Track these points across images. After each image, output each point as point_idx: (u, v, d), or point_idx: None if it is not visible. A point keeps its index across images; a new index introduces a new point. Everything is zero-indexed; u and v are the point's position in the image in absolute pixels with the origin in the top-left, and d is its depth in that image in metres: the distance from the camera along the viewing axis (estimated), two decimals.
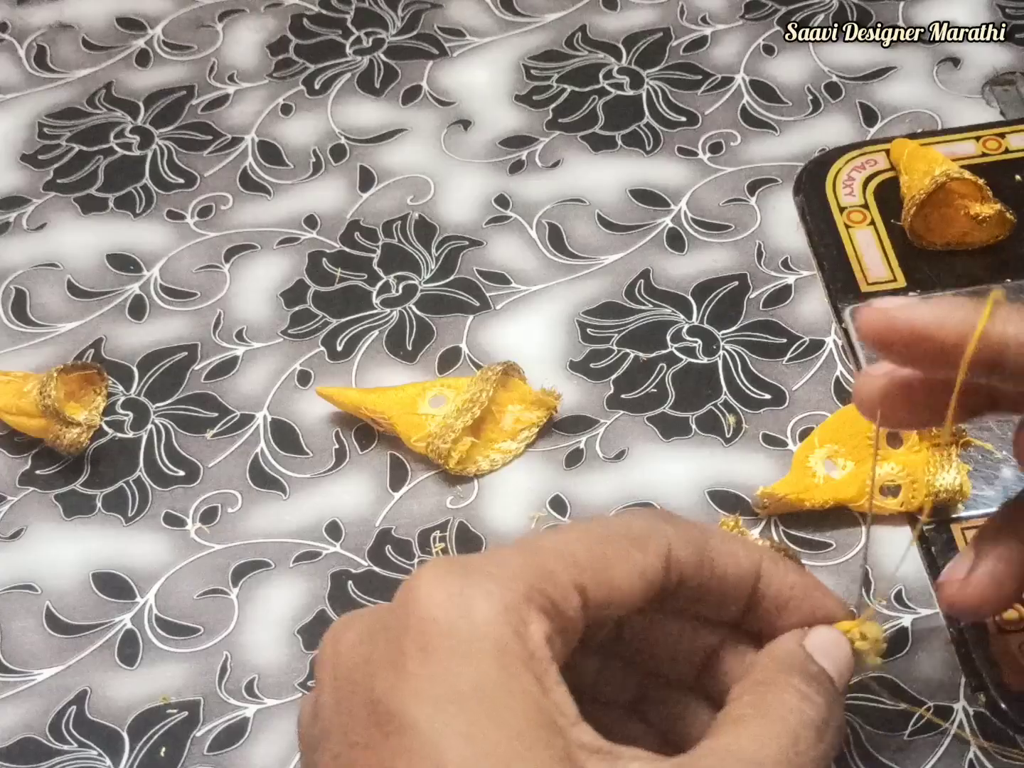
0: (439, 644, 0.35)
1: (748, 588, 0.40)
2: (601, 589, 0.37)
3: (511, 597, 0.36)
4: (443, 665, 0.35)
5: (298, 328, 0.59)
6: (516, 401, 0.56)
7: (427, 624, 0.36)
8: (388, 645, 0.36)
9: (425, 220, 0.63)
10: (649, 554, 0.38)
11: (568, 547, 0.38)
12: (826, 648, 0.41)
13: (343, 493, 0.54)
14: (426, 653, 0.35)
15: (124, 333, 0.60)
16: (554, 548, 0.38)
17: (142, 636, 0.51)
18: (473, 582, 0.36)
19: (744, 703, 0.38)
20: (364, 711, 0.36)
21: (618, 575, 0.38)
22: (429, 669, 0.35)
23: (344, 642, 0.37)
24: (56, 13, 0.72)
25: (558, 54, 0.68)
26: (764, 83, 0.66)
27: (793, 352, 0.57)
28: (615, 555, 0.38)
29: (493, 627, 0.35)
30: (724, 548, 0.40)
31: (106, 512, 0.55)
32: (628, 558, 0.38)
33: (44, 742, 0.49)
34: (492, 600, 0.36)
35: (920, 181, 0.58)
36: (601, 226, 0.62)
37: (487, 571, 0.37)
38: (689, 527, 0.40)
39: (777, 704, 0.38)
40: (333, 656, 0.37)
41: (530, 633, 0.36)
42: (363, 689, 0.36)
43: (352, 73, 0.68)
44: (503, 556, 0.37)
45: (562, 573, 0.37)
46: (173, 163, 0.65)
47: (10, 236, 0.63)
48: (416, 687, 0.35)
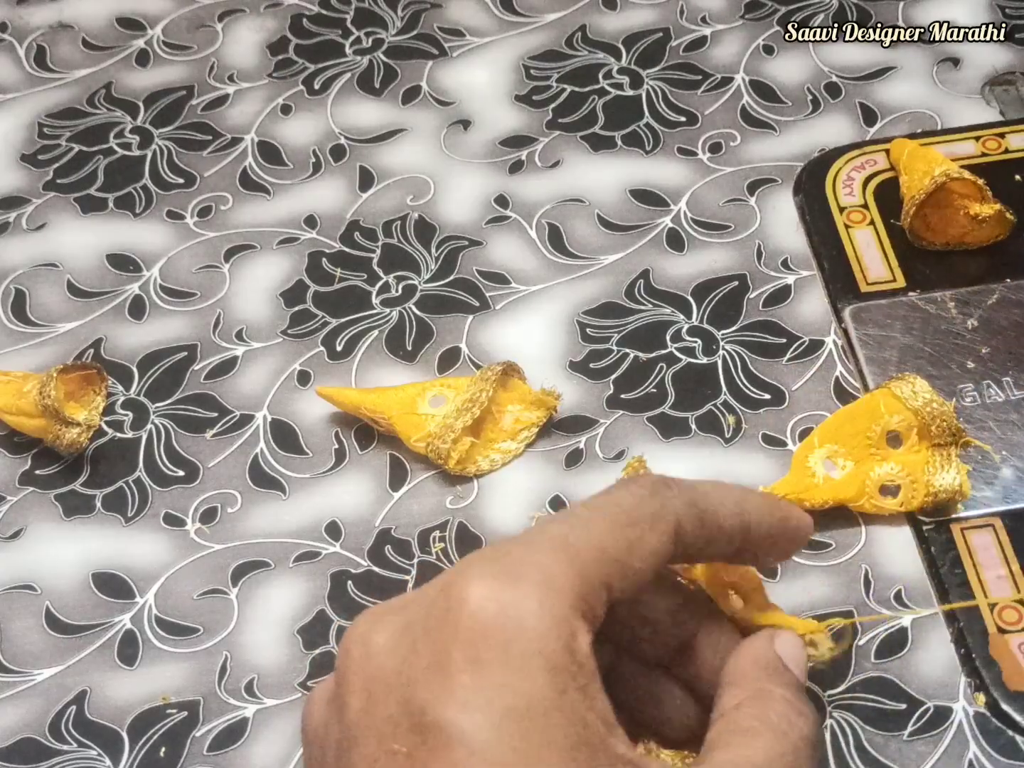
0: (490, 657, 0.35)
1: (741, 536, 0.41)
2: (624, 579, 0.38)
3: (560, 609, 0.36)
4: (495, 678, 0.34)
5: (298, 328, 0.59)
6: (516, 401, 0.56)
7: (477, 635, 0.35)
8: (432, 651, 0.35)
9: (425, 220, 0.63)
10: (662, 533, 0.38)
11: (597, 541, 0.37)
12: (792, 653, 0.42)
13: (343, 493, 0.54)
14: (477, 665, 0.35)
15: (124, 333, 0.60)
16: (588, 546, 0.37)
17: (142, 636, 0.51)
18: (524, 593, 0.36)
19: (750, 715, 0.39)
20: (404, 719, 0.35)
21: (637, 560, 0.38)
22: (480, 681, 0.34)
23: (376, 643, 0.36)
24: (56, 13, 0.72)
25: (558, 54, 0.68)
26: (764, 83, 0.66)
27: (793, 352, 0.57)
28: (635, 540, 0.38)
29: (546, 642, 0.35)
30: (720, 509, 0.40)
31: (106, 512, 0.55)
32: (645, 541, 0.38)
33: (44, 742, 0.49)
34: (545, 614, 0.35)
35: (920, 181, 0.58)
36: (601, 226, 0.62)
37: (533, 579, 0.36)
38: (689, 491, 0.40)
39: (779, 718, 0.39)
40: (363, 658, 0.36)
41: (578, 645, 0.36)
42: (401, 695, 0.35)
43: (352, 73, 0.68)
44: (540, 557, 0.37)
45: (595, 574, 0.37)
46: (173, 163, 0.65)
47: (10, 236, 0.63)
48: (466, 699, 0.34)
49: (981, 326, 0.56)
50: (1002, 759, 0.47)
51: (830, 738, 0.47)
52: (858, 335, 0.56)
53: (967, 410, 0.54)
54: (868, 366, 0.56)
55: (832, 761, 0.47)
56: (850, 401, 0.55)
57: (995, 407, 0.54)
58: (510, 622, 0.35)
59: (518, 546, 0.37)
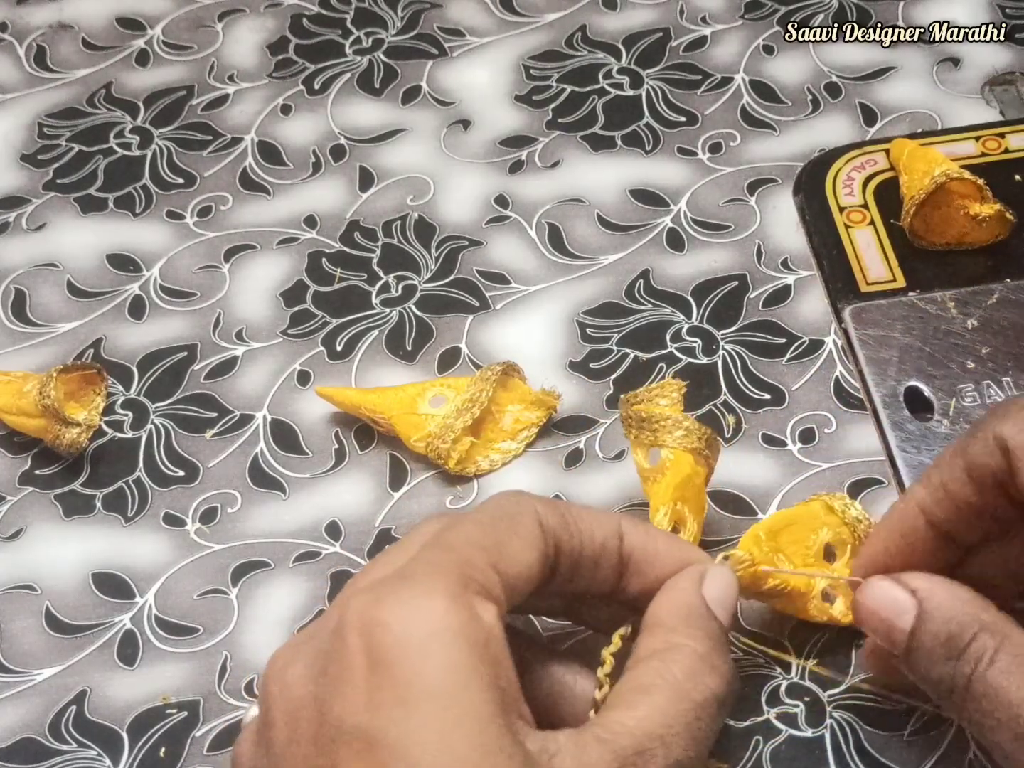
0: (392, 654, 0.35)
1: (615, 549, 0.41)
2: (510, 566, 0.39)
3: (452, 588, 0.36)
4: (399, 671, 0.35)
5: (298, 328, 0.59)
6: (516, 401, 0.56)
7: (374, 640, 0.36)
8: (335, 668, 0.36)
9: (425, 220, 0.63)
10: (529, 527, 0.40)
11: (470, 536, 0.39)
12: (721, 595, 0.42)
13: (343, 493, 0.54)
14: (379, 665, 0.35)
15: (124, 333, 0.60)
16: (460, 539, 0.39)
17: (142, 636, 0.51)
18: (409, 585, 0.37)
19: (652, 670, 0.39)
20: (324, 735, 0.36)
21: (517, 551, 0.39)
22: (384, 679, 0.35)
23: (291, 675, 0.37)
24: (56, 13, 0.72)
25: (558, 54, 0.68)
26: (764, 83, 0.66)
27: (793, 352, 0.57)
28: (507, 532, 0.39)
29: (449, 617, 0.36)
30: (583, 513, 0.42)
31: (106, 512, 0.55)
32: (518, 532, 0.39)
33: (44, 742, 0.49)
34: (438, 595, 0.36)
35: (920, 181, 0.58)
36: (601, 226, 0.62)
37: (416, 575, 0.37)
38: (547, 499, 0.42)
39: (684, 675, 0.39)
40: (281, 691, 0.37)
41: (480, 614, 0.37)
42: (318, 716, 0.36)
43: (352, 73, 0.68)
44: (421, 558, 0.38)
45: (477, 557, 0.38)
46: (173, 163, 0.65)
47: (10, 236, 0.63)
48: (375, 699, 0.35)
49: (981, 326, 0.56)
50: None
51: (830, 738, 0.47)
52: (858, 335, 0.56)
53: (967, 410, 0.54)
54: (868, 366, 0.56)
55: (832, 761, 0.47)
56: (852, 402, 0.55)
57: None
58: (408, 615, 0.36)
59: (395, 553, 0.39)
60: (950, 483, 0.41)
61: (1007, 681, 0.38)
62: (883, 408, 0.54)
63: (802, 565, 0.49)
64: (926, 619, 0.40)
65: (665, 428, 0.49)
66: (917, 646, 0.40)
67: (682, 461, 0.49)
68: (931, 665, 0.39)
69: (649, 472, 0.50)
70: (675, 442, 0.49)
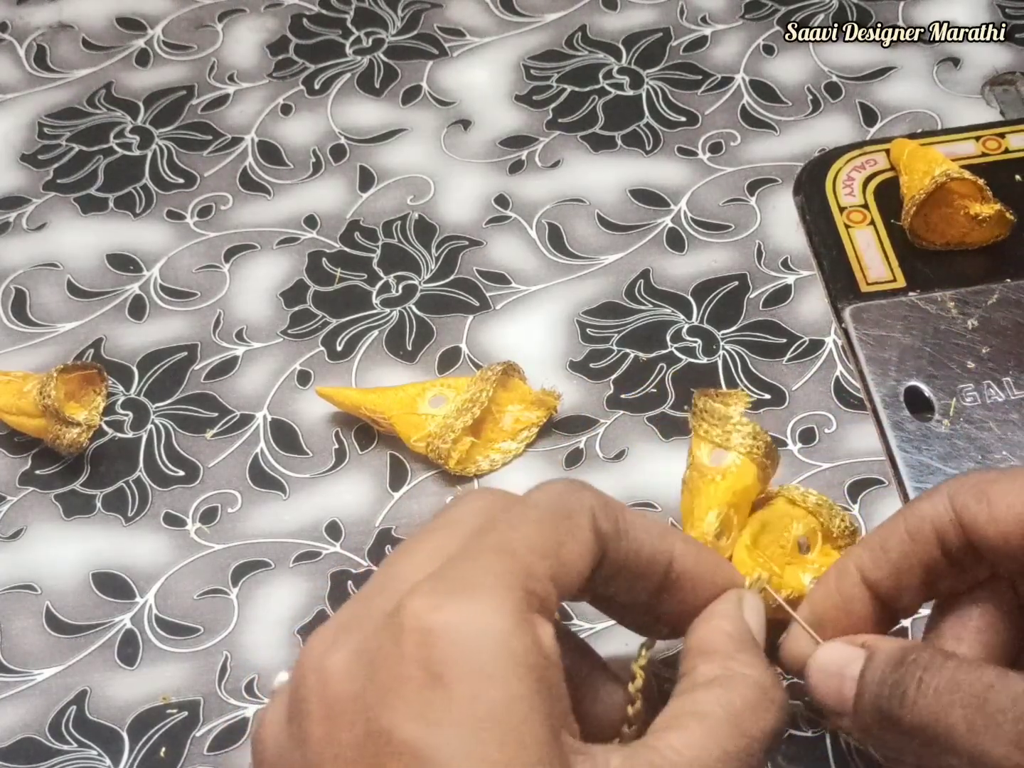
0: (454, 671, 0.34)
1: (662, 569, 0.40)
2: (564, 573, 0.37)
3: (516, 607, 0.35)
4: (461, 692, 0.34)
5: (298, 328, 0.59)
6: (516, 401, 0.56)
7: (433, 653, 0.35)
8: (387, 674, 0.35)
9: (425, 220, 0.63)
10: (584, 528, 0.38)
11: (532, 539, 0.37)
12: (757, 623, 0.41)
13: (343, 493, 0.54)
14: (440, 680, 0.34)
15: (124, 333, 0.60)
16: (524, 546, 0.37)
17: (142, 636, 0.51)
18: (476, 603, 0.35)
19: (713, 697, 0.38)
20: (370, 744, 0.34)
21: (572, 555, 0.38)
22: (445, 696, 0.34)
23: (332, 668, 0.36)
24: (56, 13, 0.72)
25: (558, 54, 0.68)
26: (764, 83, 0.66)
27: (793, 352, 0.57)
28: (565, 535, 0.38)
29: (512, 641, 0.35)
30: (637, 521, 0.40)
31: (106, 512, 0.55)
32: (574, 535, 0.38)
33: (44, 742, 0.49)
34: (503, 616, 0.35)
35: (920, 181, 0.58)
36: (601, 226, 0.62)
37: (481, 585, 0.36)
38: (605, 496, 0.40)
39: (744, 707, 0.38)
40: (321, 684, 0.36)
41: (544, 638, 0.36)
42: (364, 721, 0.35)
43: (352, 73, 0.68)
44: (485, 564, 0.37)
45: (538, 568, 0.37)
46: (173, 163, 0.65)
47: (10, 236, 0.63)
48: (433, 715, 0.34)
49: (981, 326, 0.56)
50: None
51: (830, 738, 0.47)
52: (858, 335, 0.56)
53: (967, 410, 0.54)
54: (868, 366, 0.56)
55: (832, 761, 0.47)
56: (852, 402, 0.55)
57: (995, 407, 0.54)
58: (472, 633, 0.35)
59: (459, 557, 0.37)
60: (888, 540, 0.41)
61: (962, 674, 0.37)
62: (883, 408, 0.54)
63: (783, 565, 0.48)
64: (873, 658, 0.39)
65: (740, 432, 0.49)
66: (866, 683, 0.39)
67: (747, 470, 0.48)
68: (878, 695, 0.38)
69: (708, 470, 0.49)
70: (744, 448, 0.48)
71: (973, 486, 0.40)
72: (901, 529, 0.41)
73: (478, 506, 0.39)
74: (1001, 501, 0.39)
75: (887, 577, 0.41)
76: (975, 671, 0.37)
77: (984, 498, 0.40)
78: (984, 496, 0.40)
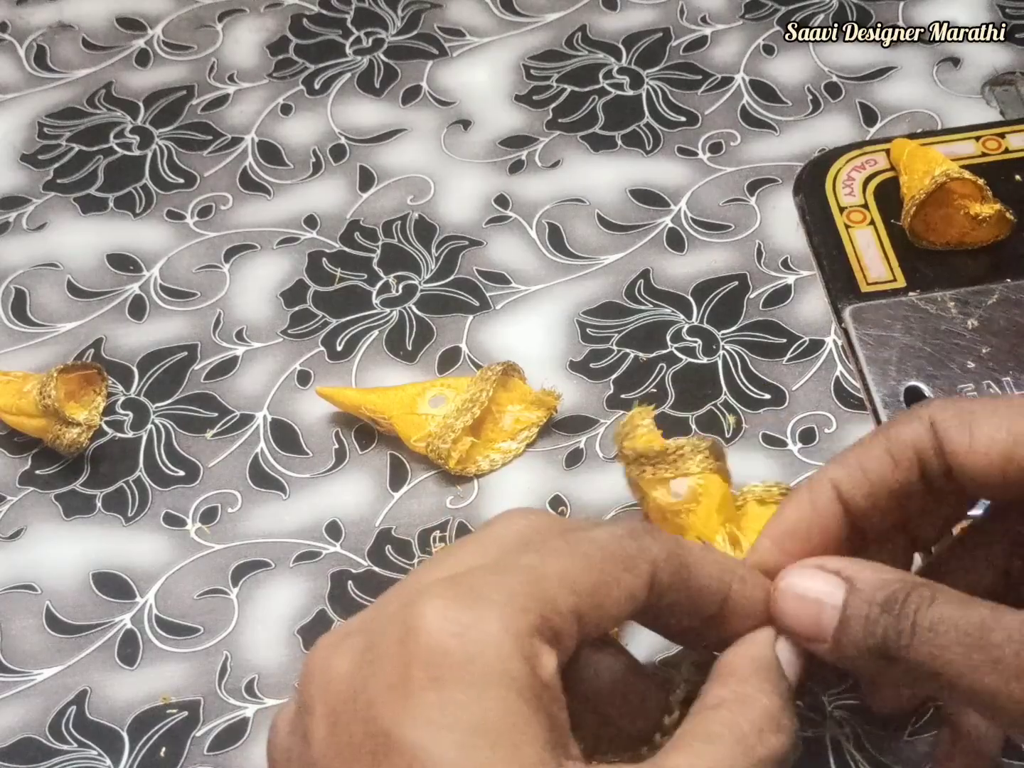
0: (453, 676, 0.34)
1: (716, 605, 0.40)
2: (595, 614, 0.37)
3: (523, 630, 0.35)
4: (459, 697, 0.34)
5: (298, 328, 0.59)
6: (516, 401, 0.56)
7: (438, 655, 0.35)
8: (392, 673, 0.35)
9: (425, 220, 0.63)
10: (638, 576, 0.38)
11: (569, 574, 0.37)
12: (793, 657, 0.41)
13: (343, 493, 0.54)
14: (439, 683, 0.34)
15: (124, 333, 0.60)
16: (556, 575, 0.37)
17: (142, 636, 0.51)
18: (484, 615, 0.35)
19: (720, 720, 0.38)
20: (368, 742, 0.35)
21: (611, 600, 0.37)
22: (443, 700, 0.34)
23: (337, 668, 0.36)
24: (56, 13, 0.72)
25: (558, 54, 0.68)
26: (764, 83, 0.66)
27: (793, 352, 0.57)
28: (610, 580, 0.37)
29: (511, 663, 0.35)
30: (703, 565, 0.39)
31: (106, 512, 0.55)
32: (620, 583, 0.37)
33: (44, 742, 0.49)
34: (507, 635, 0.35)
35: (920, 181, 0.58)
36: (601, 226, 0.62)
37: (494, 599, 0.36)
38: (671, 543, 0.39)
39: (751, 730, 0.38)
40: (325, 683, 0.36)
41: (543, 665, 0.35)
42: (363, 719, 0.35)
43: (352, 73, 0.68)
44: (505, 580, 0.36)
45: (563, 602, 0.36)
46: (173, 163, 0.65)
47: (10, 236, 0.63)
48: (430, 717, 0.34)
49: (981, 326, 0.56)
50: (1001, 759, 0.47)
51: (830, 737, 0.47)
52: (858, 335, 0.56)
53: None
54: (868, 366, 0.56)
55: (832, 761, 0.47)
56: (852, 402, 0.55)
57: None
58: (472, 642, 0.35)
59: (482, 569, 0.37)
60: (868, 461, 0.41)
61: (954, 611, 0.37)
62: (883, 408, 0.54)
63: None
64: (857, 592, 0.38)
65: (684, 456, 0.47)
66: (850, 617, 0.38)
67: (713, 484, 0.47)
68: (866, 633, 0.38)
69: (678, 506, 0.48)
70: (698, 467, 0.47)
71: (955, 415, 0.40)
72: (881, 450, 0.40)
73: (528, 524, 0.39)
74: (982, 431, 0.39)
75: (863, 497, 0.40)
76: (967, 607, 0.37)
77: (967, 428, 0.39)
78: (967, 426, 0.39)
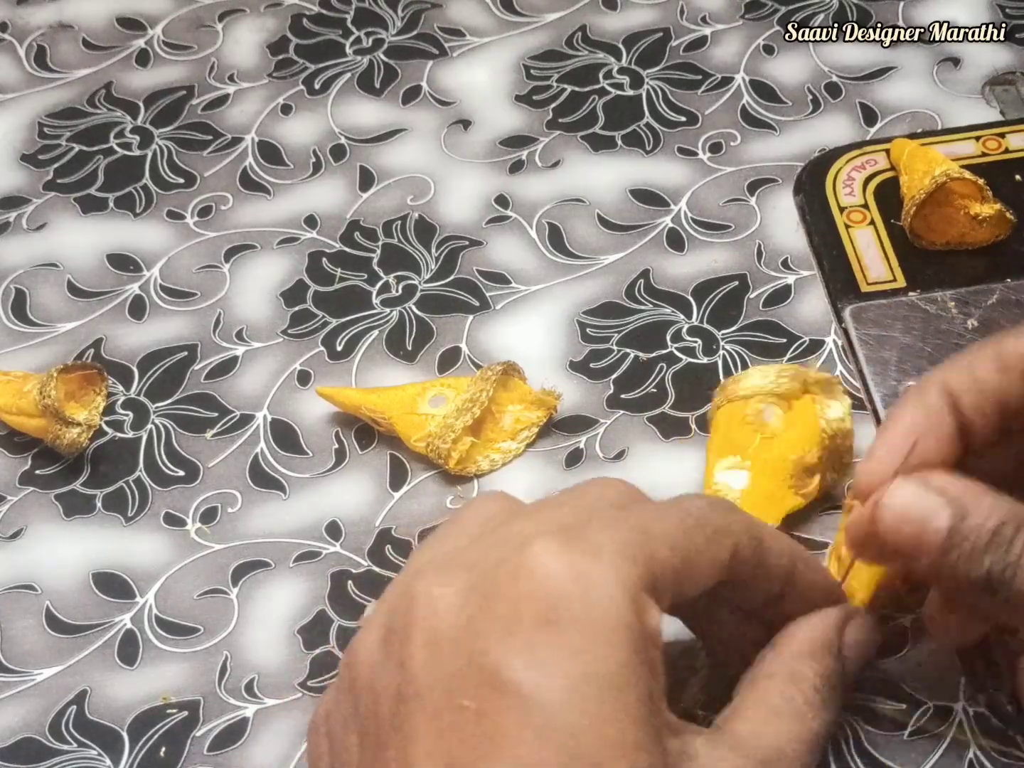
0: (570, 619, 0.35)
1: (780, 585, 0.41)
2: (688, 576, 0.38)
3: (634, 582, 0.36)
4: (574, 641, 0.35)
5: (298, 328, 0.59)
6: (516, 401, 0.56)
7: (555, 598, 0.35)
8: (505, 611, 0.35)
9: (425, 220, 0.63)
10: (723, 547, 0.39)
11: (671, 533, 0.38)
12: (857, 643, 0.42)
13: (343, 493, 0.54)
14: (554, 627, 0.35)
15: (124, 333, 0.60)
16: (661, 532, 0.38)
17: (142, 636, 0.51)
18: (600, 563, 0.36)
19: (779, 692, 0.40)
20: (474, 675, 0.35)
21: (701, 565, 0.38)
22: (557, 643, 0.35)
23: (442, 599, 0.36)
24: (56, 13, 0.72)
25: (558, 54, 0.68)
26: (764, 83, 0.66)
27: (793, 352, 0.57)
28: (703, 546, 0.38)
29: (627, 614, 0.35)
30: (774, 547, 0.41)
31: (106, 512, 0.55)
32: (710, 550, 0.38)
33: (44, 742, 0.49)
34: (621, 585, 0.36)
35: (920, 181, 0.58)
36: (601, 226, 0.62)
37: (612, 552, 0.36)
38: (751, 523, 0.40)
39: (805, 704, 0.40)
40: (429, 612, 0.36)
41: (649, 619, 0.36)
42: (470, 653, 0.35)
43: (352, 73, 0.68)
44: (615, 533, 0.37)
45: (666, 559, 0.37)
46: (173, 163, 0.65)
47: (10, 236, 0.63)
48: (543, 659, 0.34)
49: (981, 326, 0.56)
50: (1002, 759, 0.47)
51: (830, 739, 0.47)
52: (858, 335, 0.56)
53: None
54: (868, 366, 0.56)
55: (832, 761, 0.47)
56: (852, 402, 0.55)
57: None
58: (589, 590, 0.35)
59: (595, 522, 0.38)
60: (979, 368, 0.41)
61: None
62: (883, 408, 0.54)
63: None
64: (968, 516, 0.39)
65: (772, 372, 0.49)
66: (957, 543, 0.39)
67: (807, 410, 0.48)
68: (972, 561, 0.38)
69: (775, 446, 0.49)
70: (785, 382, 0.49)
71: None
72: (993, 358, 0.41)
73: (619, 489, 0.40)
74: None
75: (972, 399, 0.41)
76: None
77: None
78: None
